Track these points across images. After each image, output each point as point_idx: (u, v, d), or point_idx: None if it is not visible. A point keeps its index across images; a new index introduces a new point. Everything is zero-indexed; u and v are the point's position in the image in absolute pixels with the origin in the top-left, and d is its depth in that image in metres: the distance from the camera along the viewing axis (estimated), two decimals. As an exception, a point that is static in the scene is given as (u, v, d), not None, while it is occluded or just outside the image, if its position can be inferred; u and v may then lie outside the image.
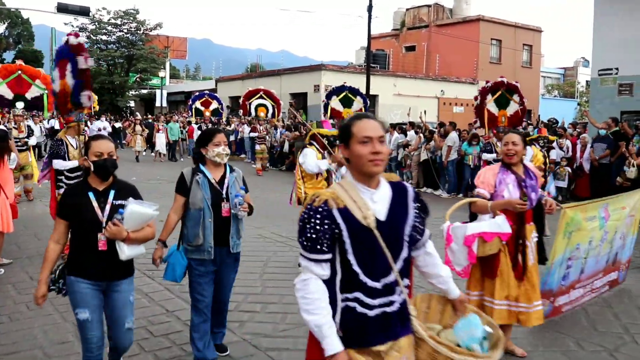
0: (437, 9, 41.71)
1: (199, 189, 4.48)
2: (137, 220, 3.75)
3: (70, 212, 3.77)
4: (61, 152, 7.78)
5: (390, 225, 2.55)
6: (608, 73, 18.57)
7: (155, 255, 4.44)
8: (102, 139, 3.92)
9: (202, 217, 4.44)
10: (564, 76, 55.91)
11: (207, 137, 4.59)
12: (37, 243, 8.58)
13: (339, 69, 32.74)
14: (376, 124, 2.56)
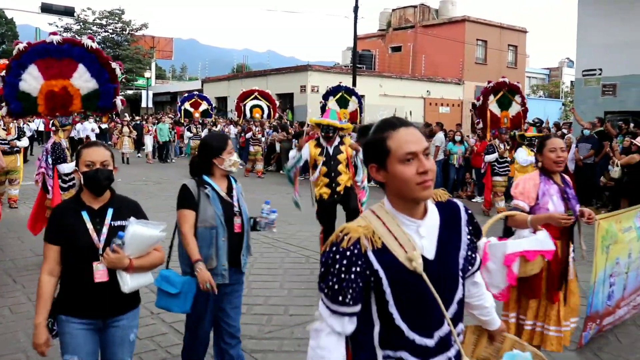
0: (423, 10, 41.85)
1: (209, 204, 3.92)
2: (141, 244, 3.16)
3: (61, 236, 3.13)
4: (64, 155, 7.70)
5: (441, 263, 2.02)
6: (592, 74, 18.72)
7: (205, 277, 3.74)
8: (95, 146, 3.27)
9: (216, 236, 3.89)
10: (549, 77, 56.31)
11: (220, 144, 4.04)
12: (21, 246, 8.51)
13: (325, 70, 32.75)
14: (417, 132, 2.01)
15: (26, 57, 7.26)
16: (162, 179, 17.88)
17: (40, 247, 8.42)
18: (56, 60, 7.32)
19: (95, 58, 7.43)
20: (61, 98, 7.42)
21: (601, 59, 18.18)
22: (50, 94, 7.39)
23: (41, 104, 7.40)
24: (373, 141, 2.03)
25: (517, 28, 41.45)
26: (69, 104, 7.53)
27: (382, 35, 43.70)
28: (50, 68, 7.30)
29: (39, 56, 7.28)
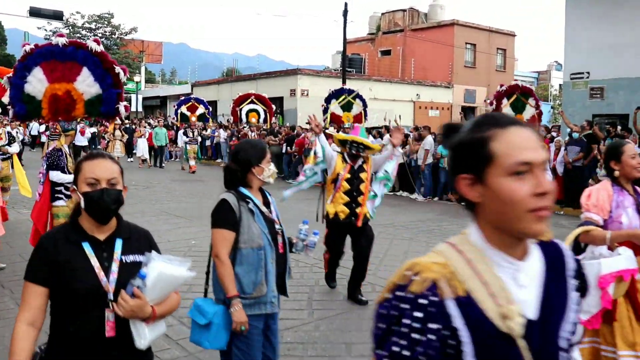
0: (412, 14, 42.00)
1: (253, 221, 3.45)
2: (166, 287, 2.43)
3: (52, 275, 2.31)
4: (61, 163, 7.28)
5: (546, 326, 1.41)
6: (579, 77, 18.86)
7: (242, 319, 3.29)
8: (99, 159, 2.47)
9: (265, 257, 3.43)
10: (538, 80, 56.62)
11: (260, 152, 3.58)
12: (10, 250, 8.46)
13: (315, 73, 32.81)
14: (534, 135, 1.40)
15: (31, 59, 7.06)
16: (151, 183, 17.83)
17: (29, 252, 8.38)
18: (60, 63, 7.10)
19: (99, 62, 7.17)
20: (64, 102, 7.17)
21: (589, 62, 18.32)
22: (53, 98, 7.15)
23: (45, 107, 7.18)
24: (469, 142, 1.43)
25: (505, 32, 41.69)
26: (72, 109, 7.26)
27: (372, 39, 43.82)
28: (55, 71, 7.10)
29: (44, 58, 7.08)
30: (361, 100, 16.22)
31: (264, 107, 21.14)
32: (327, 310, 6.18)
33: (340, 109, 15.86)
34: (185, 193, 15.75)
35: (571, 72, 19.22)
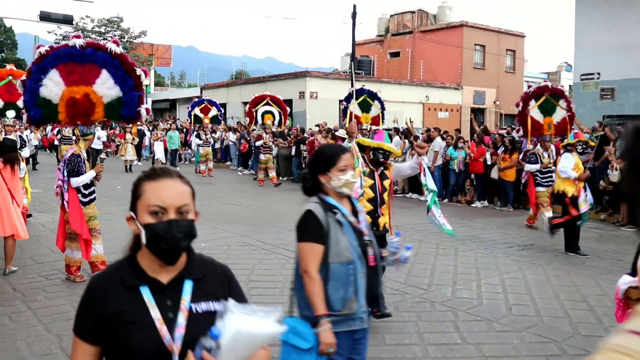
0: (421, 15, 41.93)
1: (342, 233, 3.17)
2: (246, 348, 1.78)
3: (102, 331, 1.83)
4: (81, 169, 7.22)
5: None
6: (590, 78, 18.77)
7: (331, 341, 3.03)
8: (167, 178, 1.96)
9: (354, 272, 3.17)
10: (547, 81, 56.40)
11: (327, 158, 3.27)
12: (21, 254, 8.50)
13: (324, 76, 32.81)
14: None
15: (47, 61, 6.82)
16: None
17: (40, 256, 8.44)
18: (78, 65, 6.84)
19: (119, 64, 6.94)
20: (83, 106, 6.90)
21: (599, 63, 18.25)
22: (71, 101, 6.87)
23: (62, 111, 6.89)
24: None
25: (515, 33, 41.53)
26: (91, 113, 6.99)
27: (381, 41, 43.78)
28: (72, 73, 6.84)
29: (61, 60, 6.84)
30: (379, 102, 15.85)
31: (279, 109, 20.70)
32: (337, 312, 6.16)
33: (359, 110, 15.47)
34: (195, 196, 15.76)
35: (581, 73, 19.15)
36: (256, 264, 8.25)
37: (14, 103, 10.68)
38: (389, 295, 6.80)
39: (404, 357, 5.02)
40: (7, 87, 10.76)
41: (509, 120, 37.45)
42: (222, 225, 11.08)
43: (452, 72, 37.31)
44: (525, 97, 11.72)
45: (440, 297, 6.80)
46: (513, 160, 14.25)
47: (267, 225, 11.31)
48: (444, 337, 5.51)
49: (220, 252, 8.88)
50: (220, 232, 10.42)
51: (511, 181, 14.46)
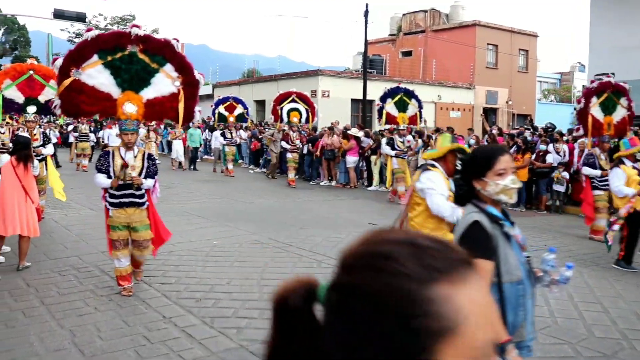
0: (434, 14, 41.80)
1: (510, 248, 2.85)
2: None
3: None
4: (101, 165, 6.66)
5: None
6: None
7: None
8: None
9: (524, 293, 2.83)
10: (560, 81, 56.09)
11: (482, 161, 2.93)
12: (34, 250, 8.54)
13: (336, 74, 32.76)
14: None
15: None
16: (173, 183, 17.82)
17: (54, 252, 8.49)
18: None
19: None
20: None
21: (613, 63, 18.08)
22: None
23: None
24: None
25: (528, 32, 41.29)
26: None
27: (393, 40, 43.68)
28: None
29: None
30: (417, 101, 15.38)
31: (306, 105, 19.72)
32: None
33: (395, 109, 15.05)
34: (207, 193, 15.81)
35: (595, 73, 18.99)
36: (268, 261, 8.25)
37: (35, 98, 10.54)
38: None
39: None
40: (27, 82, 10.53)
41: (521, 120, 37.26)
42: (234, 223, 11.09)
43: (465, 71, 37.17)
44: (587, 93, 11.07)
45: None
46: (526, 160, 14.18)
47: (278, 223, 11.30)
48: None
49: (232, 250, 8.89)
50: (232, 230, 10.43)
51: (524, 181, 14.36)
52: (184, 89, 6.79)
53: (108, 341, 5.21)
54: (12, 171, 7.56)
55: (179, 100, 6.76)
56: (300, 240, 9.72)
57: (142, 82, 6.63)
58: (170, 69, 6.73)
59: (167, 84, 6.75)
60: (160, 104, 6.73)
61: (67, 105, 6.52)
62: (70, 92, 6.37)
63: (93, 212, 11.98)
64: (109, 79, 6.50)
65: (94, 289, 6.81)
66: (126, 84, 6.55)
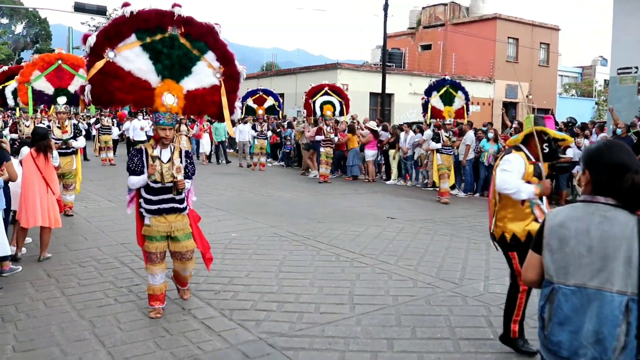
0: (454, 8, 41.52)
1: None
2: None
3: None
4: (135, 165, 5.67)
5: None
6: (627, 72, 18.39)
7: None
8: None
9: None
10: (582, 75, 55.47)
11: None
12: (55, 241, 8.60)
13: (354, 68, 32.68)
14: None
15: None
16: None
17: (74, 243, 8.55)
18: None
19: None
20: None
21: (637, 57, 17.87)
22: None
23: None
24: None
25: (549, 26, 40.86)
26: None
27: (412, 33, 43.48)
28: None
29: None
30: (464, 93, 14.71)
31: (340, 98, 18.89)
32: (369, 305, 6.13)
33: (441, 103, 14.36)
34: (225, 186, 15.84)
35: (619, 67, 18.77)
36: (287, 254, 8.24)
37: (65, 89, 10.23)
38: (420, 289, 6.75)
39: (435, 351, 4.96)
40: (56, 73, 10.23)
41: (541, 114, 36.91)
42: (253, 216, 11.10)
43: (484, 65, 36.89)
44: None
45: (473, 291, 6.72)
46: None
47: (297, 216, 11.29)
48: (476, 332, 5.44)
49: (250, 243, 8.89)
50: (250, 223, 10.44)
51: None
52: (225, 82, 6.02)
53: (128, 332, 5.24)
54: (32, 163, 7.60)
55: (221, 94, 5.99)
56: (319, 234, 9.70)
57: (184, 71, 5.78)
58: (212, 58, 5.92)
59: (208, 74, 5.94)
60: (201, 97, 5.91)
61: (100, 92, 5.48)
62: (104, 76, 5.41)
63: (112, 204, 12.06)
64: (147, 63, 5.60)
65: (114, 280, 6.84)
66: (167, 71, 5.67)
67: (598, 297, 2.52)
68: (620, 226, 2.53)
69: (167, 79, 5.66)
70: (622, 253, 2.49)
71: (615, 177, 2.57)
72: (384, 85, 27.17)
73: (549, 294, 2.69)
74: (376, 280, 7.08)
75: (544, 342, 2.72)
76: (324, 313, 5.87)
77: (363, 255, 8.27)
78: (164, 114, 5.54)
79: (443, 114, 14.30)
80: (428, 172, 17.16)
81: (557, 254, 2.66)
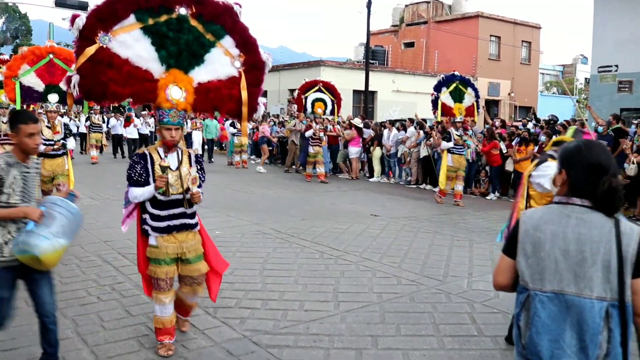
0: (436, 5, 41.65)
1: None
2: None
3: None
4: (137, 175, 4.71)
5: None
6: (608, 70, 18.57)
7: None
8: None
9: None
10: (563, 73, 55.90)
11: None
12: (36, 238, 8.52)
13: (338, 65, 32.69)
14: None
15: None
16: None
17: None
18: None
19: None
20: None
21: (617, 55, 18.04)
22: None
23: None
24: None
25: (531, 24, 41.13)
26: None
27: (395, 31, 43.55)
28: None
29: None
30: (473, 90, 14.33)
31: (332, 96, 18.25)
32: (353, 302, 6.14)
33: (450, 99, 13.95)
34: (209, 184, 15.72)
35: (599, 65, 18.94)
36: (270, 252, 8.23)
37: (57, 85, 9.27)
38: (404, 286, 6.77)
39: (420, 349, 4.98)
40: (47, 68, 9.39)
41: (523, 112, 37.20)
42: (236, 213, 11.07)
43: (467, 63, 37.06)
44: None
45: (456, 288, 6.75)
46: (529, 152, 14.14)
47: (281, 213, 11.28)
48: (460, 329, 5.46)
49: (234, 240, 8.87)
50: (234, 220, 10.41)
51: (527, 173, 14.32)
52: (245, 73, 5.04)
53: (111, 331, 5.20)
54: None
55: (240, 87, 5.00)
56: (303, 231, 9.70)
57: (194, 59, 4.84)
58: (229, 44, 4.95)
59: (224, 63, 4.97)
60: (215, 91, 4.91)
61: (91, 83, 4.52)
62: (96, 64, 4.48)
63: (95, 202, 11.97)
64: (149, 50, 4.67)
65: (97, 278, 6.79)
66: (172, 59, 4.75)
67: (577, 304, 2.45)
68: (597, 229, 2.47)
69: (173, 69, 4.75)
70: (600, 257, 2.43)
71: (593, 178, 2.52)
72: (367, 82, 27.20)
73: (524, 300, 2.60)
74: (360, 277, 7.09)
75: (521, 352, 2.63)
76: (308, 310, 5.87)
77: (347, 252, 8.28)
78: (169, 110, 4.65)
79: (453, 111, 13.92)
80: (411, 169, 17.23)
81: (532, 259, 2.56)
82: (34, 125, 4.01)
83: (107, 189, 13.77)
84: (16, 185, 3.99)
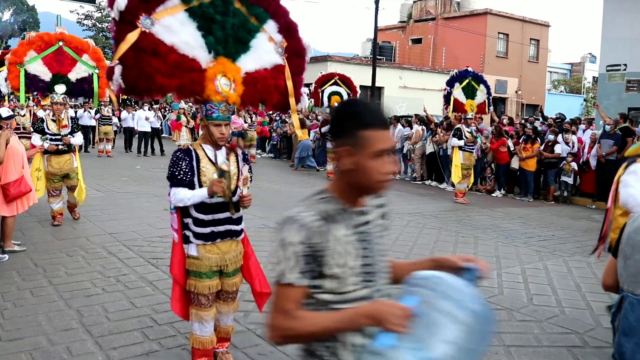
0: (445, 2, 41.52)
1: None
2: None
3: None
4: (182, 174, 4.10)
5: None
6: (616, 69, 18.46)
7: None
8: None
9: None
10: (571, 72, 55.71)
11: None
12: (42, 230, 8.57)
13: (345, 61, 32.66)
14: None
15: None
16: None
17: (61, 232, 8.49)
18: None
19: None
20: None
21: (626, 54, 17.92)
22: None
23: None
24: None
25: (539, 22, 40.98)
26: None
27: (403, 27, 43.44)
28: None
29: None
30: (485, 87, 14.17)
31: (348, 90, 17.93)
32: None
33: (463, 95, 13.77)
34: (214, 177, 15.77)
35: (607, 64, 18.83)
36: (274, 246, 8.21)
37: (65, 76, 8.86)
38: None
39: (423, 344, 4.97)
40: (56, 56, 8.80)
41: (530, 110, 37.08)
42: (241, 207, 11.06)
43: (475, 60, 36.94)
44: None
45: (460, 285, 6.73)
46: (535, 150, 14.11)
47: (286, 208, 11.18)
48: (463, 325, 5.45)
49: (239, 234, 8.87)
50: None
51: (532, 171, 14.33)
52: (288, 61, 4.56)
53: (115, 322, 5.22)
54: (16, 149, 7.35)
55: (285, 77, 4.52)
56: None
57: (241, 46, 4.25)
58: (273, 29, 4.42)
59: (269, 50, 4.43)
60: (262, 81, 4.34)
61: (136, 76, 3.86)
62: (139, 53, 3.83)
63: (101, 194, 12.00)
64: (195, 36, 4.05)
65: (102, 270, 6.82)
66: (220, 45, 4.13)
67: None
68: None
69: (221, 57, 4.12)
70: None
71: None
72: (374, 78, 27.15)
73: (619, 301, 2.56)
74: (364, 272, 7.07)
75: (613, 352, 2.61)
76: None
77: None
78: (219, 104, 4.07)
79: (465, 107, 13.72)
80: (415, 166, 17.22)
81: (629, 261, 2.52)
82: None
83: (113, 181, 13.80)
84: (350, 256, 2.06)
